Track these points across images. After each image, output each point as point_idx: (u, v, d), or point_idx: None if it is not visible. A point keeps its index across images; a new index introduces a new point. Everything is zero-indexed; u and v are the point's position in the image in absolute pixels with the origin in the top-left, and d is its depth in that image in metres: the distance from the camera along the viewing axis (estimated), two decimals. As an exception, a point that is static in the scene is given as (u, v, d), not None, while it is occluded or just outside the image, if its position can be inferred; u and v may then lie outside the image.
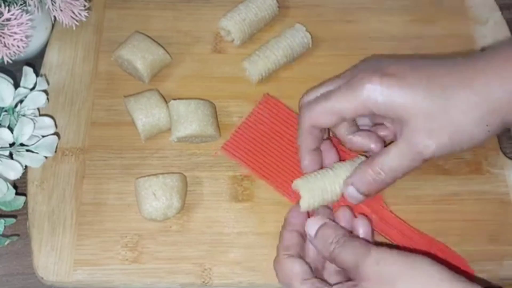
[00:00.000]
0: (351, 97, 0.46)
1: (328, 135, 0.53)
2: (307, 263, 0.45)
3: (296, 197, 0.50)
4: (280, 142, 0.54)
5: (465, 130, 0.44)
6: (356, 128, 0.51)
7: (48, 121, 0.53)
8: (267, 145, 0.54)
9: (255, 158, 0.54)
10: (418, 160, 0.45)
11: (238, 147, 0.54)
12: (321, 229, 0.45)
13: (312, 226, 0.46)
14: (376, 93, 0.45)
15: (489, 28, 0.62)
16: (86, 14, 0.55)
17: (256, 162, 0.53)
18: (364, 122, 0.52)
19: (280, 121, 0.55)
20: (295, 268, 0.44)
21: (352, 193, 0.48)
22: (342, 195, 0.49)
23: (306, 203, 0.48)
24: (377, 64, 0.47)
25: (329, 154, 0.52)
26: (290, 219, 0.48)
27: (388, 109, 0.45)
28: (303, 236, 0.47)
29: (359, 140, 0.50)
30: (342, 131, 0.50)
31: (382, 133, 0.50)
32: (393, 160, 0.46)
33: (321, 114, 0.48)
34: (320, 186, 0.48)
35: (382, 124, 0.51)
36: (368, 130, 0.51)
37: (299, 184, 0.48)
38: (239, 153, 0.54)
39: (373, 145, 0.49)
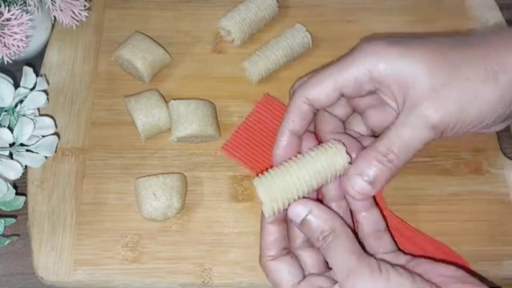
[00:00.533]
0: (351, 64, 0.42)
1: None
2: (295, 257, 0.43)
3: None
4: None
5: (477, 100, 0.40)
6: (343, 130, 0.47)
7: (48, 121, 0.53)
8: (267, 145, 0.54)
9: (255, 158, 0.54)
10: (426, 129, 0.40)
11: (238, 147, 0.54)
12: (306, 219, 0.41)
13: (296, 214, 0.41)
14: (379, 57, 0.41)
15: (489, 28, 0.62)
16: (86, 14, 0.55)
17: (256, 162, 0.53)
18: (360, 129, 0.49)
19: (280, 121, 0.55)
20: (282, 274, 0.42)
21: (361, 187, 0.41)
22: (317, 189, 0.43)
23: (270, 210, 0.41)
24: (380, 38, 0.43)
25: (308, 142, 0.46)
26: None
27: (390, 74, 0.41)
28: (285, 222, 0.44)
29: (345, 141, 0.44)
30: (328, 129, 0.46)
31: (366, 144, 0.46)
32: (400, 132, 0.40)
33: (317, 84, 0.43)
34: (286, 182, 0.41)
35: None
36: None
37: (257, 185, 0.42)
38: (239, 153, 0.54)
39: (354, 154, 0.44)
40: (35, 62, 0.58)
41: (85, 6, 0.54)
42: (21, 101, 0.52)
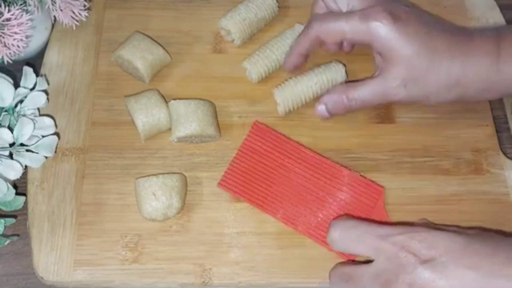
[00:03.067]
0: (361, 26, 0.51)
1: None
2: None
3: (301, 228, 0.51)
4: (276, 170, 0.53)
5: (435, 92, 0.52)
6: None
7: (48, 121, 0.53)
8: (263, 176, 0.53)
9: (253, 191, 0.52)
10: (385, 100, 0.53)
11: (235, 182, 0.53)
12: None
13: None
14: (383, 31, 0.51)
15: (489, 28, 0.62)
16: (86, 14, 0.55)
17: (254, 195, 0.52)
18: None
19: (272, 148, 0.54)
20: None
21: (322, 111, 0.55)
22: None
23: (282, 108, 0.55)
24: (393, 4, 0.52)
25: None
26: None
27: (385, 47, 0.51)
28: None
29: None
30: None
31: None
32: (366, 94, 0.53)
33: (331, 31, 0.53)
34: (294, 92, 0.55)
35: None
36: None
37: (275, 93, 0.56)
38: (237, 187, 0.52)
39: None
40: (35, 62, 0.58)
41: (85, 6, 0.54)
42: (21, 101, 0.52)
